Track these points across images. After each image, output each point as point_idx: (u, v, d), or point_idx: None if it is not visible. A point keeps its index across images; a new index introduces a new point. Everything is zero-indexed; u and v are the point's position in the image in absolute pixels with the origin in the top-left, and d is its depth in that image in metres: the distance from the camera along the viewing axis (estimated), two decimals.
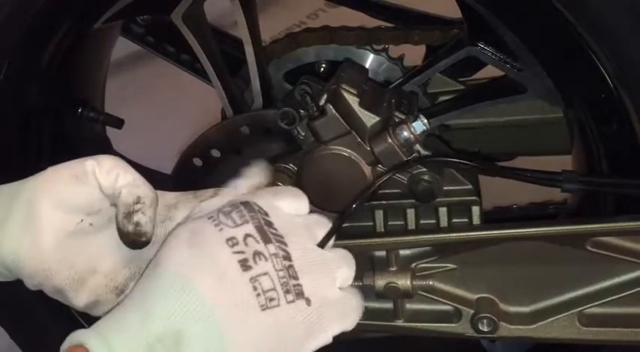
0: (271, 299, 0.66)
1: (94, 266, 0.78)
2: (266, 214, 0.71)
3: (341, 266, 0.72)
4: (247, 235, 0.68)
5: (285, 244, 0.69)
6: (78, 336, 0.64)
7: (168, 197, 0.82)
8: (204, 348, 0.64)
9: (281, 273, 0.67)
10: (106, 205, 0.78)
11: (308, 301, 0.67)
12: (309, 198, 1.03)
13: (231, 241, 0.67)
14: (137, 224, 0.75)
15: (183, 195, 0.83)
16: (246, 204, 0.72)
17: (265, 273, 0.66)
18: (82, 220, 0.78)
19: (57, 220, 0.76)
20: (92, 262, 0.78)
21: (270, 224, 0.70)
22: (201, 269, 0.66)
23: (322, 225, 0.74)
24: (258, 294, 0.65)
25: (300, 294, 0.67)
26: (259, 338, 0.65)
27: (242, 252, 0.66)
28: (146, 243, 0.76)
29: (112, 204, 0.79)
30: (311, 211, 0.77)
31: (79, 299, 0.79)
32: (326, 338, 0.70)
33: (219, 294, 0.65)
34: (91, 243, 0.78)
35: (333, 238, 0.75)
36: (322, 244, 0.72)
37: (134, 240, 0.76)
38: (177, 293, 0.65)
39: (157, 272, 0.67)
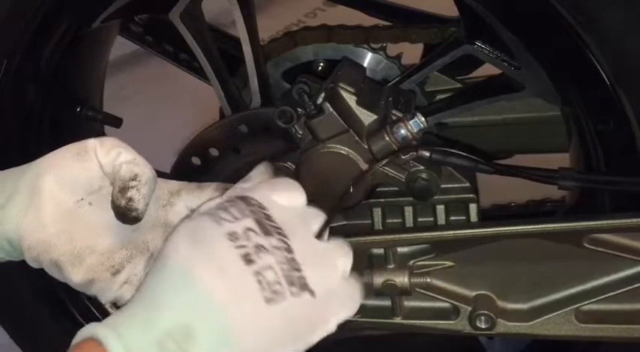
0: (276, 292, 0.65)
1: (93, 244, 0.80)
2: (264, 207, 0.71)
3: (340, 255, 0.72)
4: (248, 229, 0.68)
5: (286, 236, 0.69)
6: (90, 329, 0.64)
7: (172, 184, 0.85)
8: (212, 343, 0.64)
9: (284, 266, 0.67)
10: (106, 184, 0.80)
11: (312, 293, 0.67)
12: (307, 197, 1.05)
13: (233, 235, 0.67)
14: (130, 199, 0.78)
15: (187, 185, 0.85)
16: (243, 198, 0.72)
17: (269, 266, 0.66)
18: (82, 199, 0.79)
19: (58, 195, 0.78)
20: (91, 240, 0.80)
21: (268, 217, 0.70)
22: (204, 263, 0.66)
23: (317, 217, 0.74)
24: (263, 288, 0.65)
25: (304, 286, 0.67)
26: (266, 331, 0.66)
27: (244, 246, 0.66)
28: (136, 219, 0.79)
29: (111, 183, 0.80)
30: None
31: (76, 275, 0.80)
32: (331, 327, 0.70)
33: (224, 288, 0.65)
34: (91, 221, 0.80)
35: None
36: (320, 235, 0.72)
37: (124, 213, 0.78)
38: (183, 287, 0.65)
39: (162, 268, 0.68)
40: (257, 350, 0.66)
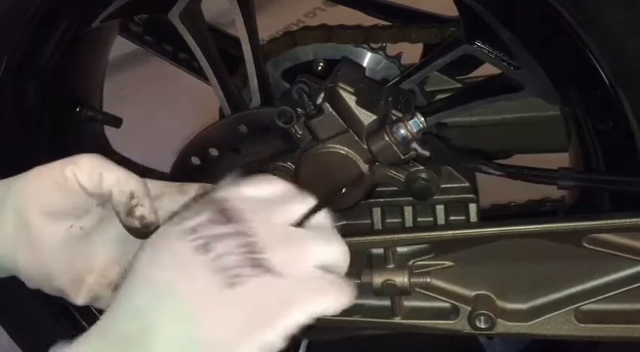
0: (237, 276, 0.64)
1: (89, 265, 0.81)
2: (227, 199, 0.70)
3: (316, 242, 0.69)
4: (208, 221, 0.67)
5: (248, 222, 0.67)
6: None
7: (153, 189, 0.82)
8: (173, 337, 0.62)
9: (244, 249, 0.65)
10: (92, 206, 0.80)
11: (278, 274, 0.65)
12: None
13: (189, 231, 0.66)
14: (142, 217, 0.77)
15: (169, 189, 0.84)
16: (204, 194, 0.73)
17: (227, 253, 0.65)
18: (71, 226, 0.79)
19: (48, 229, 0.78)
20: (88, 262, 0.80)
21: (231, 207, 0.69)
22: (161, 263, 0.65)
23: (299, 203, 0.72)
24: (222, 273, 0.64)
25: (268, 269, 0.65)
26: (231, 318, 0.64)
27: (200, 238, 0.66)
28: (156, 229, 0.77)
29: (98, 204, 0.80)
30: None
31: (79, 298, 0.81)
32: (303, 316, 0.66)
33: (180, 282, 0.64)
34: (85, 244, 0.80)
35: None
36: (300, 222, 0.70)
37: (145, 232, 0.78)
38: (140, 289, 0.65)
39: (126, 276, 0.68)
40: (225, 339, 0.63)
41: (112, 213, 0.80)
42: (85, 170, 0.78)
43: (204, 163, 1.15)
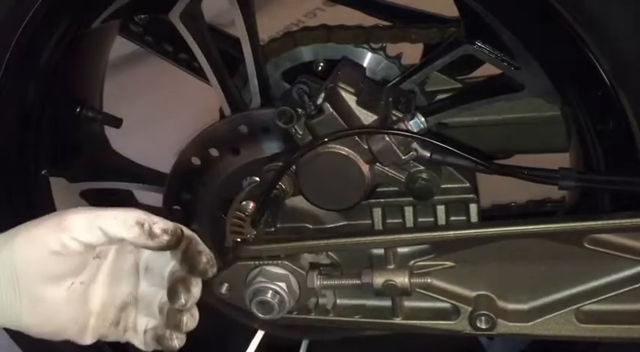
0: None
1: (89, 311, 0.84)
2: None
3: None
4: None
5: None
6: None
7: None
8: None
9: None
10: (90, 259, 0.82)
11: None
12: (307, 196, 1.04)
13: None
14: (164, 231, 0.81)
15: None
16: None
17: None
18: (72, 283, 0.82)
19: (49, 293, 0.80)
20: (87, 308, 0.84)
21: None
22: None
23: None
24: None
25: None
26: None
27: None
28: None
29: (95, 257, 0.83)
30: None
31: (87, 340, 0.86)
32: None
33: None
34: (85, 295, 0.83)
35: None
36: None
37: (178, 240, 0.83)
38: None
39: None
40: None
41: (103, 259, 0.84)
42: (82, 229, 0.79)
43: (204, 163, 1.15)
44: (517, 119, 1.18)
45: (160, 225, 0.80)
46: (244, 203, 1.04)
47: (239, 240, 1.12)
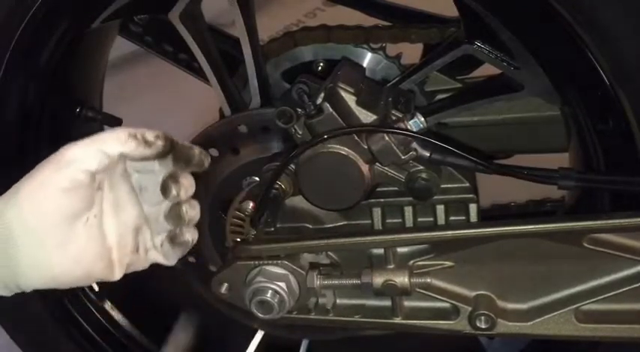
0: None
1: (108, 244, 0.85)
2: None
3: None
4: None
5: None
6: None
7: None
8: None
9: None
10: (95, 192, 0.82)
11: None
12: (307, 196, 1.04)
13: None
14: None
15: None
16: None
17: None
18: (87, 219, 0.82)
19: (70, 234, 0.80)
20: (105, 242, 0.84)
21: None
22: None
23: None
24: None
25: None
26: None
27: None
28: None
29: (97, 188, 0.82)
30: None
31: (115, 275, 0.87)
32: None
33: None
34: (102, 229, 0.84)
35: None
36: None
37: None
38: None
39: None
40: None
41: (102, 191, 0.84)
42: (84, 157, 0.79)
43: None
44: (517, 119, 1.18)
45: (151, 133, 0.83)
46: (244, 203, 1.04)
47: (239, 239, 1.12)
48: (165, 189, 0.87)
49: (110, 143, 0.80)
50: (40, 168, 0.80)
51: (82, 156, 0.79)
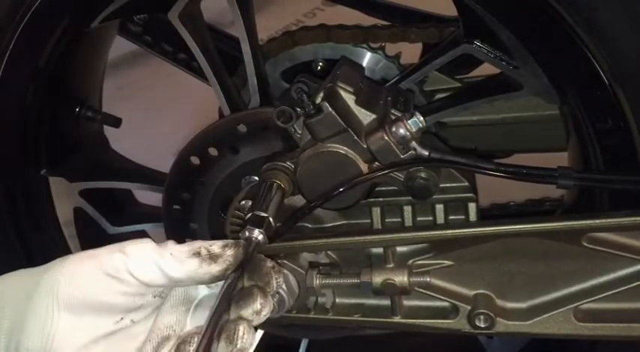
0: None
1: (129, 349, 0.74)
2: None
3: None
4: None
5: None
6: None
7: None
8: None
9: None
10: (148, 298, 0.73)
11: None
12: (307, 195, 1.04)
13: None
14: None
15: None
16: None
17: None
18: (121, 318, 0.72)
19: (92, 323, 0.70)
20: (128, 348, 0.74)
21: None
22: None
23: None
24: None
25: None
26: None
27: None
28: None
29: (155, 295, 0.73)
30: None
31: None
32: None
33: None
34: (133, 333, 0.74)
35: None
36: None
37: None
38: None
39: None
40: None
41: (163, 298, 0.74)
42: (137, 261, 0.70)
43: (203, 163, 1.15)
44: (516, 118, 1.18)
45: (217, 243, 0.73)
46: (243, 202, 1.04)
47: None
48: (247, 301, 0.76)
49: (168, 262, 0.71)
50: (100, 249, 0.72)
51: (138, 260, 0.70)
